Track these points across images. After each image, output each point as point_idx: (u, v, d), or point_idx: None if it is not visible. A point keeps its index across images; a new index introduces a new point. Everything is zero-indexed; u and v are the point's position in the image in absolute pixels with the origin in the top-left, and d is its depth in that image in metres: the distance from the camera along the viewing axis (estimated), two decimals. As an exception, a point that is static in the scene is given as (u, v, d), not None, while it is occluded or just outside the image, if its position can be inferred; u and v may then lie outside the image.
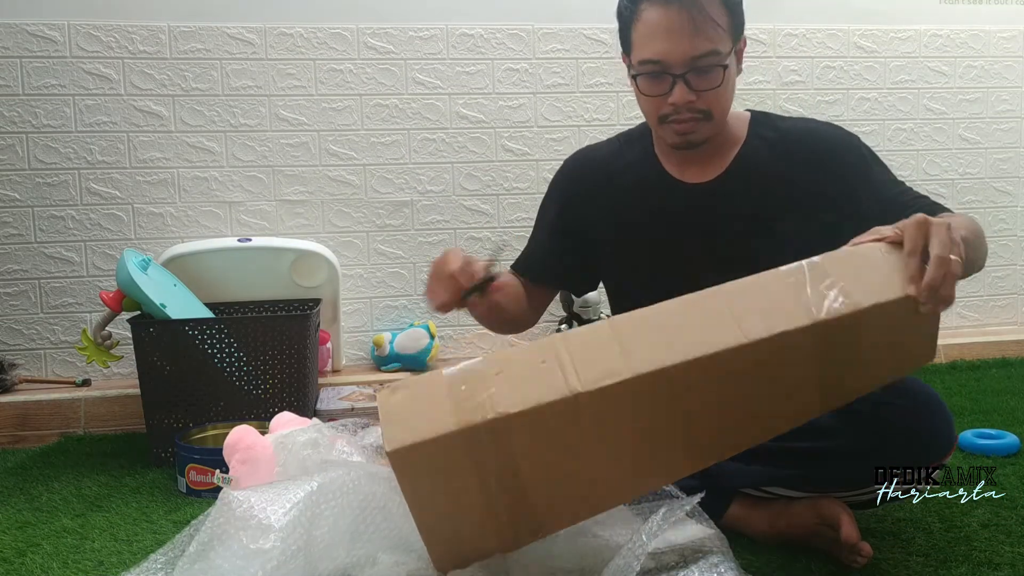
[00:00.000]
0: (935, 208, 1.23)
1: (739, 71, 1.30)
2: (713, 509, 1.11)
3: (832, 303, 0.94)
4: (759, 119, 1.37)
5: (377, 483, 1.09)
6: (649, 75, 1.25)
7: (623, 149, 1.41)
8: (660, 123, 1.29)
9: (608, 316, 2.32)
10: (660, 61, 1.23)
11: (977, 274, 1.85)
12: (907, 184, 1.30)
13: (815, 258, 0.98)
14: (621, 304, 1.51)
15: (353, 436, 1.28)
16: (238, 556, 0.96)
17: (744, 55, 1.30)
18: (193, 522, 1.11)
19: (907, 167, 2.56)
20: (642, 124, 1.40)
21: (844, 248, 1.00)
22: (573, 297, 2.26)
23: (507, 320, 1.42)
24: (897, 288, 0.93)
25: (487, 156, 2.34)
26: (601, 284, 1.52)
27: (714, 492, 1.22)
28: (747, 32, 1.30)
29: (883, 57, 2.53)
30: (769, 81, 2.44)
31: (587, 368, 0.92)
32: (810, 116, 1.40)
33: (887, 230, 0.98)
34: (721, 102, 1.26)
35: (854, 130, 1.36)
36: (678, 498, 1.10)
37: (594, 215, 1.41)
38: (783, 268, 0.98)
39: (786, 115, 1.39)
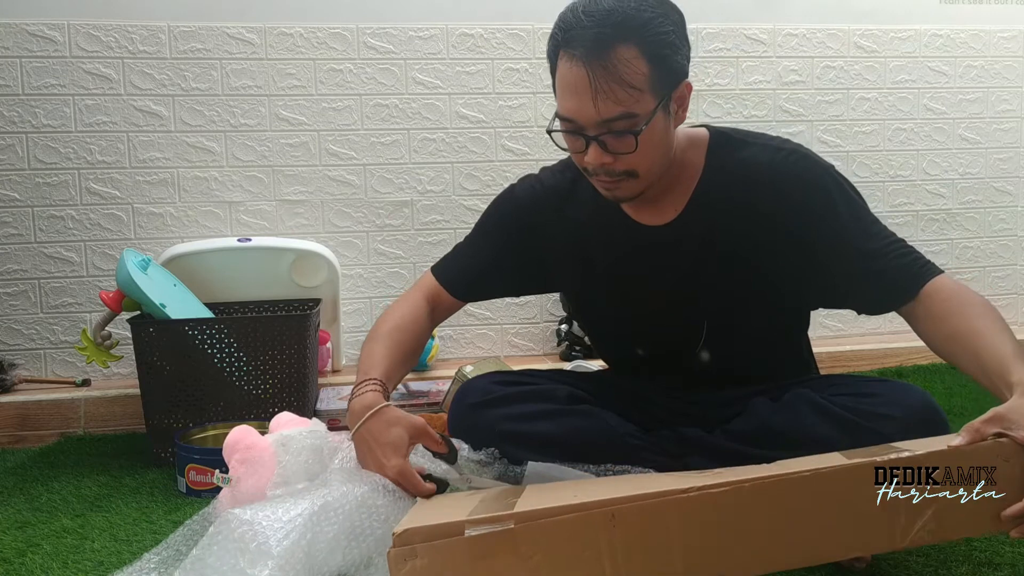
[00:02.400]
0: (918, 260, 1.18)
1: (680, 119, 1.19)
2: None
3: (919, 531, 0.89)
4: (718, 146, 1.25)
5: (383, 495, 1.08)
6: (565, 131, 1.16)
7: (577, 181, 1.31)
8: (587, 174, 1.21)
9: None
10: (572, 120, 1.13)
11: (977, 274, 1.87)
12: (882, 224, 1.22)
13: (918, 449, 0.92)
14: (586, 324, 1.49)
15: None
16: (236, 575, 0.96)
17: (689, 97, 1.18)
18: (187, 521, 1.11)
19: (907, 167, 2.57)
20: None
21: (956, 443, 0.93)
22: (573, 297, 2.26)
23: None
24: (997, 521, 0.89)
25: (487, 156, 2.34)
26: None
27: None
28: (748, 32, 1.25)
29: (883, 57, 2.53)
30: (769, 81, 2.44)
31: (637, 571, 0.86)
32: (776, 134, 1.28)
33: (1018, 430, 0.93)
34: (644, 163, 1.15)
35: (854, 130, 1.32)
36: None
37: (549, 250, 1.35)
38: (878, 456, 0.91)
39: (749, 137, 1.27)
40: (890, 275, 1.18)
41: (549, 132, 1.17)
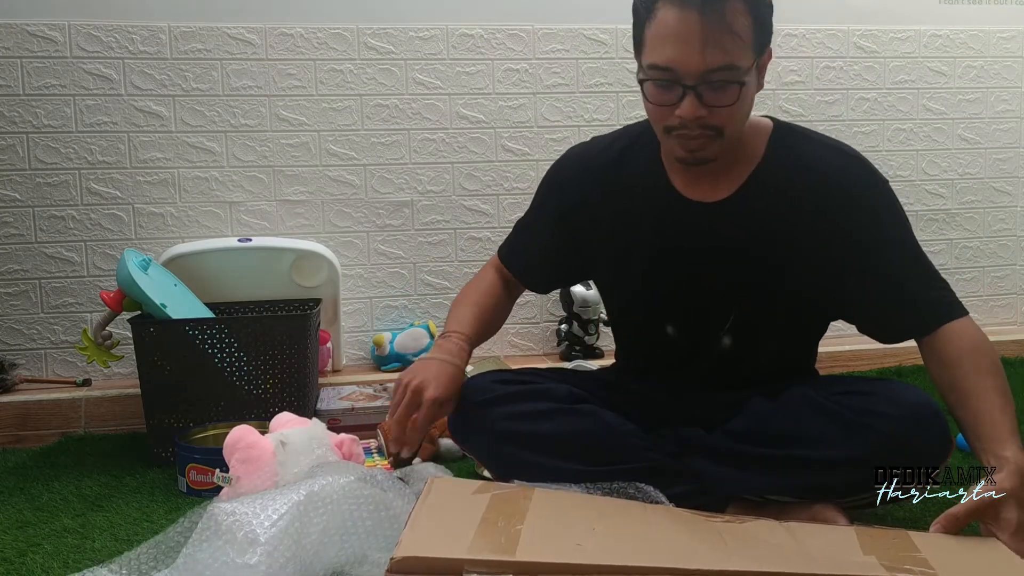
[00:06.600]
0: (946, 297, 1.21)
1: (760, 86, 1.21)
2: (710, 512, 1.11)
3: None
4: (781, 136, 1.27)
5: (370, 486, 1.09)
6: (657, 82, 1.15)
7: (627, 153, 1.33)
8: (666, 133, 1.19)
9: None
10: (670, 69, 1.12)
11: (977, 274, 1.83)
12: (923, 253, 1.25)
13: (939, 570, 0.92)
14: (615, 312, 1.47)
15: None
16: (227, 568, 0.96)
17: (767, 67, 1.21)
18: (182, 519, 1.11)
19: (907, 167, 2.57)
20: (647, 124, 1.31)
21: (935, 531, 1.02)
22: (573, 297, 2.26)
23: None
24: None
25: (487, 156, 2.34)
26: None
27: (711, 496, 1.21)
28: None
29: (883, 57, 2.54)
30: (769, 81, 2.42)
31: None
32: (832, 135, 1.30)
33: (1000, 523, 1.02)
34: (735, 120, 1.17)
35: (853, 130, 1.33)
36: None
37: (593, 223, 1.34)
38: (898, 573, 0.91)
39: (813, 135, 1.29)
40: (912, 305, 1.21)
41: (641, 82, 1.17)
